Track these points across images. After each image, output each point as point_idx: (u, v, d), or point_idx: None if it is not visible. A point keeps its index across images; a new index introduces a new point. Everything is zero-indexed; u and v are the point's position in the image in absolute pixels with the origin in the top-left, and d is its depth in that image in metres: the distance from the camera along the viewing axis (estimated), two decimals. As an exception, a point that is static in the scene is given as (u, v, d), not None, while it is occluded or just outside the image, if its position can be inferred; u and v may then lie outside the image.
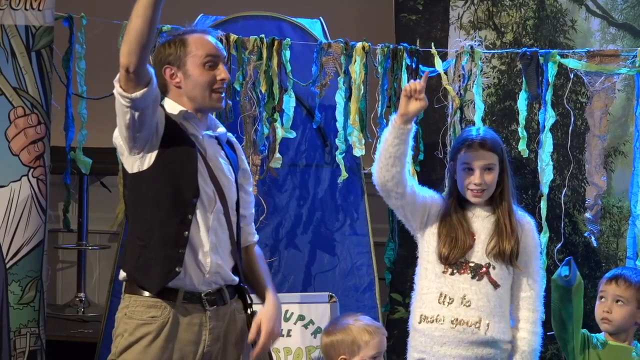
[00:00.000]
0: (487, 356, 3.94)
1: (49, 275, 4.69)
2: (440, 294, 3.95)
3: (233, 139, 3.91)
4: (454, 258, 3.95)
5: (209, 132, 3.72)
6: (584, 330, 4.04)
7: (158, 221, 3.57)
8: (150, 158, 3.55)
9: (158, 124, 3.56)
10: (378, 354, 3.82)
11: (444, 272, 3.97)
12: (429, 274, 4.00)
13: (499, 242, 3.94)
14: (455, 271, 3.95)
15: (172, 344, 3.58)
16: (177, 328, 3.59)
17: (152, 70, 3.45)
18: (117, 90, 3.41)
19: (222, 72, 3.65)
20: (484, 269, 3.94)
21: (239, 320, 3.76)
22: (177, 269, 3.56)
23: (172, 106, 3.65)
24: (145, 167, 3.56)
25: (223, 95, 3.68)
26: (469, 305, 3.92)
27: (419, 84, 3.83)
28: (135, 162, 3.57)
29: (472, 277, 3.94)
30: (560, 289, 3.91)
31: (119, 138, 3.58)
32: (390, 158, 3.89)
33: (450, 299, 3.94)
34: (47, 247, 4.62)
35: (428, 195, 4.07)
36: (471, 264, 3.95)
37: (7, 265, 4.44)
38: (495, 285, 3.94)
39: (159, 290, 3.56)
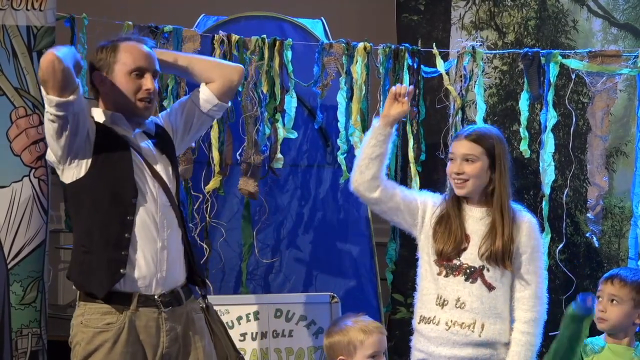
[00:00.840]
0: (482, 357, 3.93)
1: (50, 276, 4.68)
2: (438, 296, 3.96)
3: (157, 119, 3.88)
4: (448, 252, 3.94)
5: (139, 129, 3.73)
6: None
7: (98, 225, 3.59)
8: (86, 165, 3.58)
9: (89, 130, 3.59)
10: (376, 352, 3.82)
11: (438, 274, 3.97)
12: (428, 276, 4.01)
13: (492, 244, 3.93)
14: (449, 273, 3.96)
15: (131, 348, 3.59)
16: (134, 332, 3.60)
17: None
18: (51, 100, 3.41)
19: (147, 83, 3.66)
20: (478, 272, 3.93)
21: (197, 320, 3.76)
22: (121, 271, 3.57)
23: (100, 112, 3.69)
24: (82, 174, 3.58)
25: (149, 104, 3.68)
26: (463, 308, 3.92)
27: (404, 87, 3.92)
28: (71, 172, 3.59)
29: (466, 280, 3.93)
30: (575, 321, 3.85)
31: (51, 155, 3.61)
32: (364, 159, 3.95)
33: (445, 300, 3.95)
34: (49, 247, 4.62)
35: (420, 198, 4.07)
36: (465, 266, 3.95)
37: (9, 266, 4.44)
38: (490, 287, 3.93)
39: (105, 294, 3.57)
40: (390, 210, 4.03)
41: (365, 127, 4.83)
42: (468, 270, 3.93)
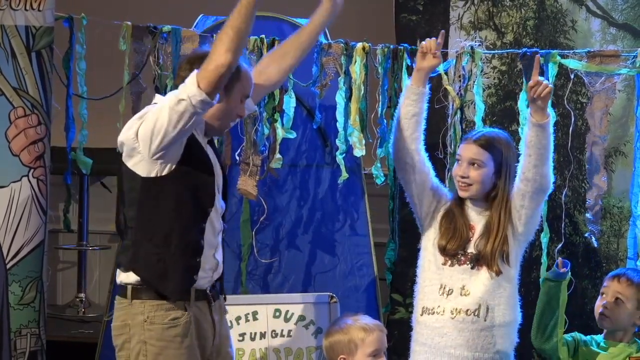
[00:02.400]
0: (487, 345, 3.94)
1: (49, 276, 4.69)
2: (441, 286, 3.98)
3: None
4: (452, 249, 3.97)
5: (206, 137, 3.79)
6: (575, 334, 4.05)
7: (178, 230, 3.62)
8: (172, 164, 3.58)
9: None
10: (377, 350, 3.83)
11: (443, 263, 3.99)
12: (431, 266, 4.03)
13: (484, 246, 3.96)
14: (455, 263, 3.98)
15: (196, 342, 3.66)
16: (197, 326, 3.67)
17: None
18: (197, 93, 3.42)
19: (244, 110, 3.77)
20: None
21: (225, 310, 3.89)
22: (194, 277, 3.65)
23: None
24: (165, 172, 3.58)
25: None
26: (468, 295, 3.94)
27: (434, 41, 4.05)
28: (155, 167, 3.57)
29: (472, 268, 3.96)
30: (550, 287, 3.92)
31: (133, 140, 3.54)
32: (401, 120, 4.06)
33: (449, 289, 3.97)
34: (48, 247, 4.62)
35: (442, 187, 4.14)
36: (470, 255, 3.97)
37: (8, 266, 4.44)
38: (498, 272, 3.95)
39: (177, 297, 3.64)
40: (419, 185, 4.08)
41: (363, 127, 4.83)
42: (474, 258, 3.95)
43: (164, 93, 4.65)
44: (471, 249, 3.98)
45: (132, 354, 3.62)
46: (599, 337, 4.06)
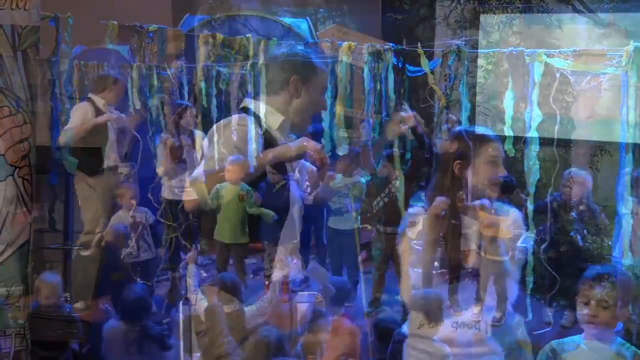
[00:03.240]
0: (488, 352, 3.96)
1: (34, 276, 4.66)
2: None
3: None
4: (452, 263, 3.98)
5: None
6: (552, 344, 4.07)
7: None
8: None
9: None
10: (345, 355, 3.82)
11: (442, 279, 4.00)
12: (432, 281, 4.02)
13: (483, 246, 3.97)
14: (453, 278, 3.98)
15: None
16: None
17: None
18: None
19: (326, 103, 4.03)
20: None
21: None
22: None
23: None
24: None
25: None
26: (470, 308, 3.95)
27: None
28: None
29: (472, 281, 3.97)
30: None
31: None
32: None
33: (449, 303, 3.97)
34: (33, 247, 4.60)
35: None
36: (470, 269, 3.97)
37: (-7, 266, 4.43)
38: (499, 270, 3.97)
39: None
40: None
41: (348, 125, 4.83)
42: (474, 272, 3.96)
43: (147, 92, 4.66)
44: (470, 262, 3.98)
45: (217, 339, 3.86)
46: (577, 338, 4.06)
